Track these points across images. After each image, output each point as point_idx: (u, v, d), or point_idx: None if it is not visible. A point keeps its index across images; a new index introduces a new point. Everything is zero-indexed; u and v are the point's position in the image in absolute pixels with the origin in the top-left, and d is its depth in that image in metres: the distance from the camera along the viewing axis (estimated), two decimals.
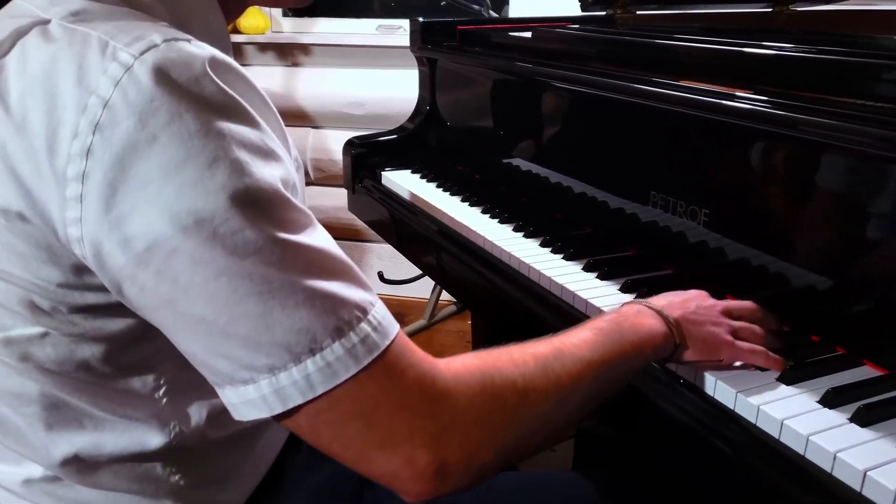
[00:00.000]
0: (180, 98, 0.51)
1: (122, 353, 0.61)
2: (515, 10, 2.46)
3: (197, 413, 0.68)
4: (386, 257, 2.79)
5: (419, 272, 2.54)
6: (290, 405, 0.54)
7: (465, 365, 0.59)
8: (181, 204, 0.50)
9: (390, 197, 1.45)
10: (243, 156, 0.53)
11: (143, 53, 0.52)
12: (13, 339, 0.60)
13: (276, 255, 0.53)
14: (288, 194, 0.55)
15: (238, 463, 0.74)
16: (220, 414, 0.68)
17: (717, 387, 0.72)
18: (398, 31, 2.56)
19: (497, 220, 1.21)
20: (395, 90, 2.43)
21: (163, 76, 0.51)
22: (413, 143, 1.60)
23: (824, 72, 0.89)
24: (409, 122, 1.63)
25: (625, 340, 0.69)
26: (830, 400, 0.68)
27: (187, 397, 0.64)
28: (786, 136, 0.84)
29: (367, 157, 1.58)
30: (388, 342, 0.56)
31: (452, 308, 2.84)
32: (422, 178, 1.48)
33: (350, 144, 1.59)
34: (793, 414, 0.67)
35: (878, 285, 0.77)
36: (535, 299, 0.98)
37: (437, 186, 1.42)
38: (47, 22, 0.56)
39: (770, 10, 1.41)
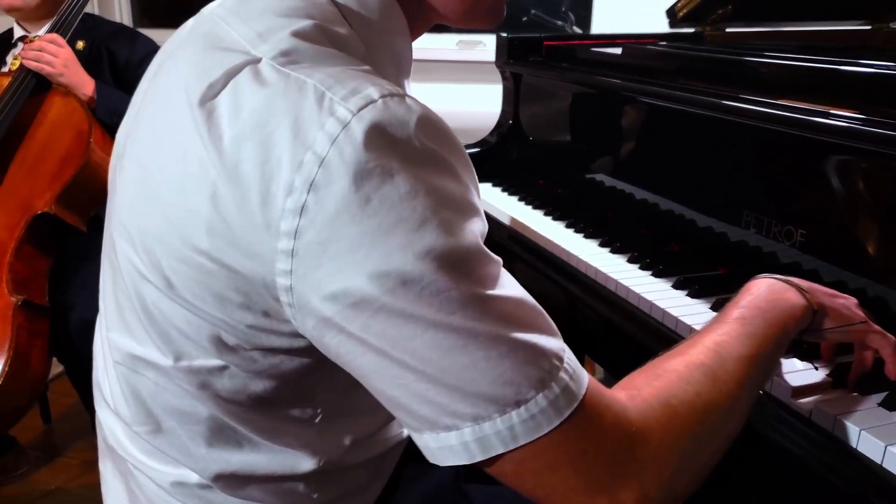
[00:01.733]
0: (392, 158, 0.52)
1: (290, 386, 0.65)
2: (598, 27, 2.46)
3: (344, 441, 0.71)
4: None
5: None
6: (492, 454, 0.55)
7: (644, 395, 0.59)
8: (389, 266, 0.52)
9: None
10: (448, 215, 0.54)
11: (360, 110, 0.52)
12: (195, 368, 0.63)
13: (479, 311, 0.54)
14: (484, 247, 0.57)
15: (368, 480, 0.77)
16: (364, 440, 0.74)
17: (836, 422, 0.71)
18: (478, 47, 2.58)
19: (582, 235, 1.22)
20: (474, 105, 2.46)
21: (378, 135, 0.52)
22: (494, 156, 1.62)
23: None
24: (491, 136, 1.65)
25: (769, 323, 0.68)
26: None
27: (337, 427, 0.68)
28: (884, 154, 0.82)
29: None
30: (583, 390, 0.56)
31: None
32: (503, 191, 1.50)
33: None
34: None
35: None
36: (623, 315, 0.98)
37: (519, 200, 1.44)
38: (258, 61, 0.56)
39: (868, 28, 1.38)
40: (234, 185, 0.53)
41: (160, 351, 0.64)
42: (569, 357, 0.57)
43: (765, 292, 0.71)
